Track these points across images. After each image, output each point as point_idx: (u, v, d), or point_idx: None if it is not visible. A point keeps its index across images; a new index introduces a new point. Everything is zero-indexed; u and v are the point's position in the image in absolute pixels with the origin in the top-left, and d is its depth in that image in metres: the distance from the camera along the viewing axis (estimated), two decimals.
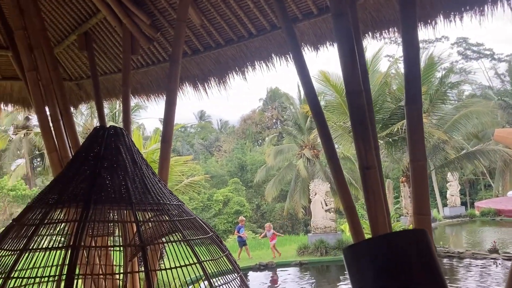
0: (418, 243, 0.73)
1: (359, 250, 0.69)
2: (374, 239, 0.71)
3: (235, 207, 33.18)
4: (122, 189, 3.11)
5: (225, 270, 3.29)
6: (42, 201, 3.10)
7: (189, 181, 14.07)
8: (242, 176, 39.80)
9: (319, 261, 19.94)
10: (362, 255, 0.66)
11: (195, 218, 3.50)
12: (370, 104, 3.55)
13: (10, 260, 2.85)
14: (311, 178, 25.35)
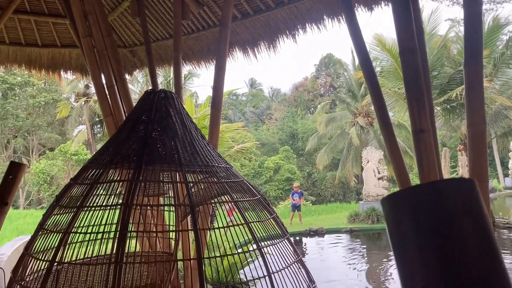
0: (466, 193, 0.67)
1: (399, 199, 0.64)
2: (415, 187, 0.65)
3: (286, 175, 33.32)
4: (172, 151, 3.19)
5: (273, 233, 3.32)
6: (97, 162, 3.24)
7: (240, 147, 14.20)
8: (293, 144, 39.72)
9: (370, 229, 19.81)
10: (401, 204, 0.61)
11: (242, 180, 3.54)
12: (425, 65, 3.36)
13: (68, 217, 3.02)
14: (364, 146, 24.89)
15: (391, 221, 0.61)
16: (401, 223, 0.58)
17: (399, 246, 0.59)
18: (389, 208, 0.62)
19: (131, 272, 4.18)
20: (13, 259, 3.75)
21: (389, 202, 0.63)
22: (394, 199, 0.65)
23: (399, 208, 0.59)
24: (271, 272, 2.91)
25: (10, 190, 3.47)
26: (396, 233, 0.60)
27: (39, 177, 27.12)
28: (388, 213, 0.63)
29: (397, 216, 0.59)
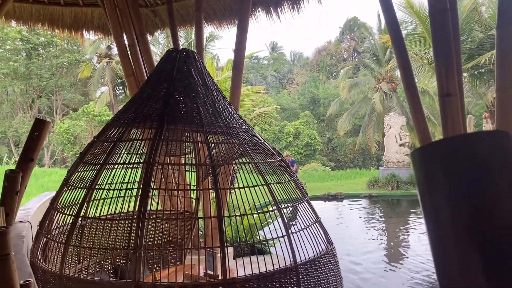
0: (502, 146, 0.62)
1: (431, 151, 0.61)
2: (449, 138, 0.61)
3: (306, 140, 33.23)
4: (193, 111, 3.18)
5: (293, 196, 3.33)
6: (119, 121, 3.26)
7: (261, 111, 14.14)
8: (314, 109, 39.37)
9: (389, 195, 19.78)
10: (433, 156, 0.58)
11: (263, 142, 3.53)
12: (456, 26, 3.23)
13: (92, 174, 3.08)
14: (387, 113, 24.52)
15: (421, 174, 0.58)
16: (432, 176, 0.55)
17: (428, 200, 0.57)
18: (420, 160, 0.59)
19: (153, 229, 4.28)
20: (39, 213, 3.87)
21: (420, 154, 0.60)
22: (426, 151, 0.62)
23: (431, 161, 0.56)
24: (290, 232, 2.94)
25: (35, 146, 3.54)
26: (426, 187, 0.57)
27: (63, 137, 27.67)
28: (419, 166, 0.60)
29: (428, 169, 0.56)
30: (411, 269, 9.42)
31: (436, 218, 0.56)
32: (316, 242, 3.12)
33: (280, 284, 2.71)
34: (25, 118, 31.40)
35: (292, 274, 2.77)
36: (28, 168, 3.56)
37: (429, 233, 0.58)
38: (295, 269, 2.80)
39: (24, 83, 31.37)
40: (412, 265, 9.72)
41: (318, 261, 2.98)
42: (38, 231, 3.16)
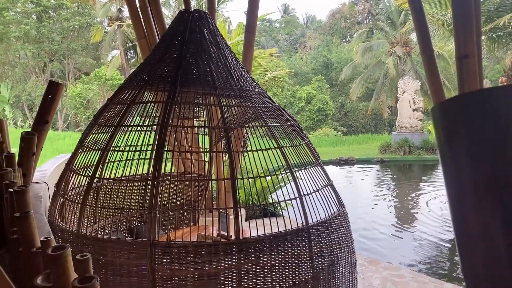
0: None
1: (453, 105, 0.58)
2: (472, 93, 0.58)
3: (318, 105, 33.00)
4: (206, 73, 3.16)
5: (306, 160, 3.34)
6: (132, 83, 3.25)
7: (273, 75, 13.99)
8: (327, 74, 38.89)
9: (401, 160, 19.76)
10: (455, 111, 0.56)
11: (276, 106, 3.52)
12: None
13: (106, 136, 3.11)
14: (401, 77, 24.14)
15: (441, 130, 0.57)
16: (453, 131, 0.54)
17: (448, 156, 0.56)
18: (441, 115, 0.57)
19: (166, 191, 4.35)
20: (56, 174, 3.94)
21: (442, 109, 0.59)
22: (447, 105, 0.60)
23: (452, 115, 0.55)
24: (302, 194, 2.97)
25: (50, 109, 3.56)
26: (447, 142, 0.56)
27: (75, 101, 27.84)
28: (439, 121, 0.58)
29: (449, 124, 0.55)
30: (420, 233, 9.50)
31: (456, 175, 0.55)
32: (328, 204, 3.15)
33: (292, 244, 2.76)
34: (38, 82, 31.55)
35: (304, 234, 2.81)
36: (43, 130, 3.59)
37: (448, 192, 0.57)
38: (306, 230, 2.84)
39: (35, 46, 31.32)
40: (421, 229, 9.79)
41: (330, 223, 3.01)
42: (55, 192, 3.23)
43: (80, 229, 2.80)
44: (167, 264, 2.55)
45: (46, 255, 1.21)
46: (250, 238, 2.66)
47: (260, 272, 2.64)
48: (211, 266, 2.55)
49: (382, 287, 5.82)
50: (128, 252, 2.62)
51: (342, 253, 3.06)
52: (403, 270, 6.48)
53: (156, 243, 2.54)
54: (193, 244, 2.57)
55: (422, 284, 5.85)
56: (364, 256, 7.12)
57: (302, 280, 2.77)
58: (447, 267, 7.59)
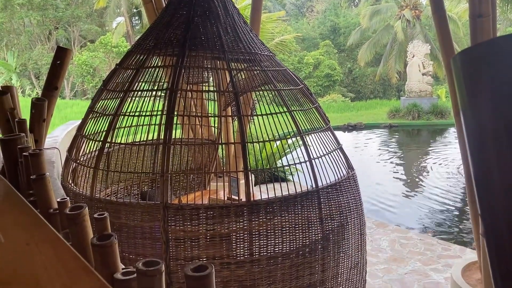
0: None
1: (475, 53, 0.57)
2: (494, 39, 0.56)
3: (326, 71, 32.62)
4: (214, 37, 3.13)
5: (316, 125, 3.33)
6: (140, 47, 3.23)
7: (280, 39, 13.80)
8: (335, 39, 38.24)
9: (410, 125, 19.69)
10: (478, 58, 0.54)
11: (286, 69, 3.49)
12: None
13: (116, 101, 3.11)
14: (410, 41, 23.73)
15: (462, 78, 0.56)
16: (475, 78, 0.54)
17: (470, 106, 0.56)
18: (462, 63, 0.57)
19: (176, 157, 4.38)
20: (67, 140, 3.99)
21: (464, 56, 0.58)
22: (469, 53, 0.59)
23: (474, 62, 0.54)
24: (312, 158, 2.98)
25: (59, 74, 3.56)
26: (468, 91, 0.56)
27: (82, 69, 27.74)
28: (460, 69, 0.58)
29: (470, 71, 0.54)
30: (428, 197, 9.56)
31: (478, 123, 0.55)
32: (337, 168, 3.17)
33: (302, 206, 2.79)
34: (44, 50, 31.39)
35: (314, 197, 2.84)
36: (53, 96, 3.60)
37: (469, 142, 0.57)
38: (316, 193, 2.87)
39: (40, 13, 30.99)
40: (429, 193, 9.85)
41: (339, 185, 3.04)
42: (67, 157, 3.27)
43: (94, 193, 2.85)
44: (179, 226, 2.60)
45: (64, 215, 1.24)
46: (261, 200, 2.69)
47: (271, 233, 2.69)
48: (223, 228, 2.60)
49: (390, 248, 5.92)
50: (141, 215, 2.67)
51: (352, 215, 3.10)
52: (411, 233, 6.57)
53: (169, 206, 2.58)
54: (205, 207, 2.61)
55: (429, 246, 5.94)
56: (373, 219, 7.21)
57: (312, 241, 2.82)
58: (455, 230, 7.67)
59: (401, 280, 5.07)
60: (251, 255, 2.65)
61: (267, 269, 2.70)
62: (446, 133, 18.23)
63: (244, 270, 2.65)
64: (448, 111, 19.84)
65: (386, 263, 5.49)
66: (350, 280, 3.14)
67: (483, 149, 0.55)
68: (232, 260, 2.63)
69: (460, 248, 5.96)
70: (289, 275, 2.77)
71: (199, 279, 0.90)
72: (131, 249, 2.74)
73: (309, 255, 2.82)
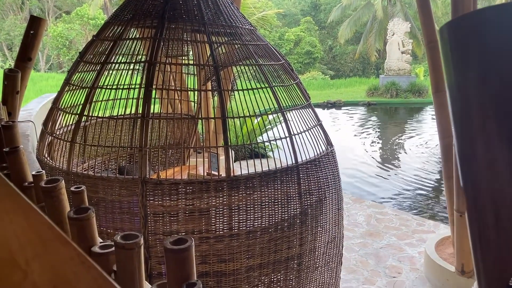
0: None
1: (464, 23, 0.56)
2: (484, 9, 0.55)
3: (307, 48, 32.53)
4: (195, 9, 3.06)
5: (296, 101, 3.32)
6: (118, 18, 3.14)
7: (262, 15, 13.64)
8: (316, 16, 38.03)
9: (388, 103, 19.91)
10: (466, 29, 0.53)
11: (267, 44, 3.45)
12: None
13: (93, 74, 3.03)
14: (390, 19, 23.76)
15: (449, 50, 0.55)
16: (463, 50, 0.53)
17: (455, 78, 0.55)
18: (449, 34, 0.56)
19: (154, 132, 4.33)
20: (41, 114, 3.89)
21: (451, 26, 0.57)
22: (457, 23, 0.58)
23: (465, 36, 0.53)
24: (292, 134, 2.98)
25: (33, 45, 3.44)
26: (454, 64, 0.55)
27: (57, 41, 26.98)
28: (447, 40, 0.57)
29: (458, 43, 0.54)
30: (403, 173, 9.73)
31: (464, 96, 0.54)
32: (316, 144, 3.18)
33: (282, 181, 2.80)
34: (16, 20, 30.35)
35: (293, 172, 2.85)
36: (26, 67, 3.49)
37: (454, 117, 0.56)
38: (296, 168, 2.88)
39: None
40: (404, 170, 10.03)
41: (318, 161, 3.06)
42: (43, 130, 3.19)
43: (70, 167, 2.80)
44: (158, 201, 2.59)
45: (40, 188, 1.20)
46: (241, 176, 2.69)
47: (250, 208, 2.69)
48: (202, 202, 2.59)
49: (366, 223, 6.04)
50: (119, 189, 2.64)
51: (330, 190, 3.13)
52: (387, 208, 6.70)
53: (147, 181, 2.56)
54: (184, 182, 2.60)
55: (404, 221, 6.08)
56: (349, 195, 7.32)
57: (291, 216, 2.85)
58: (429, 206, 7.86)
59: (376, 254, 5.19)
60: (230, 230, 2.66)
61: (246, 243, 2.72)
62: (423, 111, 18.49)
63: (223, 244, 2.66)
64: (425, 90, 20.09)
65: (362, 238, 5.61)
66: (327, 254, 3.19)
67: (468, 122, 0.54)
68: (211, 234, 2.64)
69: (434, 223, 6.12)
70: (268, 249, 2.80)
71: (179, 252, 0.89)
72: (109, 223, 2.72)
73: (287, 229, 2.85)
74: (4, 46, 30.54)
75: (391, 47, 21.40)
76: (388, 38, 22.00)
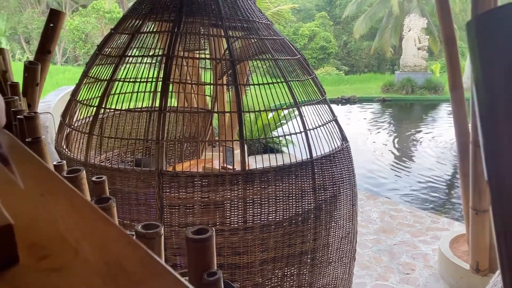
0: None
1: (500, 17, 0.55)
2: None
3: (321, 43, 32.30)
4: (212, 3, 3.07)
5: (312, 96, 3.32)
6: (136, 12, 3.17)
7: (277, 9, 13.59)
8: (331, 11, 37.72)
9: (403, 99, 19.73)
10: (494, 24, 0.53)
11: (283, 39, 3.45)
12: None
13: (111, 67, 3.07)
14: (406, 15, 23.49)
15: (477, 50, 0.55)
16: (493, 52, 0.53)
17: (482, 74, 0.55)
18: (478, 31, 0.56)
19: (170, 125, 4.36)
20: (60, 106, 3.94)
21: (480, 22, 0.57)
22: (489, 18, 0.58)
23: (494, 31, 0.53)
24: (307, 129, 2.99)
25: (52, 38, 3.49)
26: (481, 59, 0.55)
27: (74, 34, 27.20)
28: (475, 38, 0.57)
29: (488, 43, 0.54)
30: (418, 170, 9.66)
31: (490, 92, 0.54)
32: (332, 139, 3.18)
33: (296, 176, 2.81)
34: (34, 13, 30.67)
35: (308, 167, 2.86)
36: (46, 60, 3.54)
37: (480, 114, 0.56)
38: (310, 163, 2.88)
39: None
40: (419, 167, 9.95)
41: (333, 156, 3.05)
42: (61, 122, 3.24)
43: (88, 158, 2.84)
44: (174, 193, 2.61)
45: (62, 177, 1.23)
46: (256, 170, 2.70)
47: (265, 202, 2.71)
48: (218, 195, 2.61)
49: (380, 220, 6.02)
50: (136, 181, 2.67)
51: (344, 185, 3.13)
52: (401, 205, 6.66)
53: (164, 173, 2.59)
54: (200, 174, 2.62)
55: (419, 218, 6.04)
56: (363, 191, 7.29)
57: (305, 210, 2.86)
58: (443, 203, 7.80)
59: (390, 251, 5.17)
60: (244, 223, 2.68)
61: (260, 237, 2.73)
62: (439, 108, 18.29)
63: (238, 237, 2.68)
64: (441, 87, 19.86)
65: (376, 234, 5.59)
66: (341, 249, 3.20)
67: (495, 116, 0.55)
68: (226, 227, 2.66)
69: (449, 221, 6.07)
70: (282, 243, 2.82)
71: (200, 242, 0.90)
72: (126, 214, 2.75)
73: (301, 224, 2.86)
74: (22, 39, 30.91)
75: (407, 43, 21.19)
76: (404, 34, 21.77)
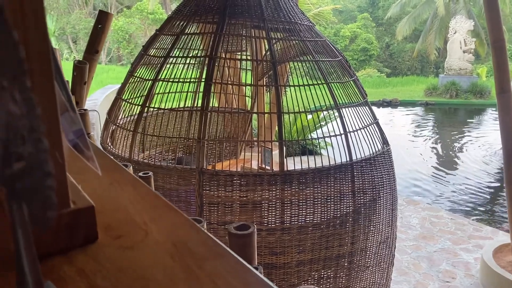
0: None
1: None
2: None
3: (363, 44, 31.84)
4: (255, 5, 3.11)
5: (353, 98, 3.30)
6: (181, 13, 3.25)
7: (318, 11, 13.52)
8: (373, 12, 37.13)
9: (447, 103, 19.15)
10: None
11: (325, 40, 3.44)
12: None
13: (155, 68, 3.16)
14: (452, 17, 22.81)
15: None
16: None
17: None
18: None
19: (211, 125, 4.43)
20: (105, 104, 4.09)
21: None
22: None
23: None
24: (348, 131, 2.97)
25: (100, 38, 3.62)
26: None
27: (118, 35, 28.00)
28: None
29: None
30: (461, 177, 9.38)
31: None
32: (372, 142, 3.15)
33: (335, 179, 2.80)
34: (81, 14, 31.77)
35: (347, 170, 2.84)
36: (93, 59, 3.68)
37: None
38: (350, 166, 2.87)
39: None
40: (462, 174, 9.65)
41: (374, 160, 3.02)
42: (107, 119, 3.36)
43: (132, 155, 2.94)
44: (214, 191, 2.66)
45: None
46: (294, 171, 2.72)
47: (303, 203, 2.72)
48: (256, 195, 2.64)
49: (420, 226, 5.89)
50: (177, 178, 2.74)
51: (384, 190, 3.09)
52: (442, 212, 6.50)
53: (204, 171, 2.64)
54: (239, 174, 2.66)
55: (460, 226, 5.87)
56: (403, 197, 7.15)
57: (343, 213, 2.84)
58: (487, 211, 7.54)
59: (429, 258, 5.05)
60: (282, 223, 2.70)
61: (297, 238, 2.74)
62: (484, 113, 17.68)
63: (275, 237, 2.70)
64: (488, 91, 19.13)
65: (415, 240, 5.47)
66: (379, 254, 3.16)
67: None
68: (263, 227, 2.69)
69: (492, 229, 5.87)
70: (319, 245, 2.81)
71: (242, 237, 0.93)
72: None
73: (339, 227, 2.85)
74: (70, 39, 32.09)
75: (453, 45, 20.56)
76: (449, 36, 21.14)
